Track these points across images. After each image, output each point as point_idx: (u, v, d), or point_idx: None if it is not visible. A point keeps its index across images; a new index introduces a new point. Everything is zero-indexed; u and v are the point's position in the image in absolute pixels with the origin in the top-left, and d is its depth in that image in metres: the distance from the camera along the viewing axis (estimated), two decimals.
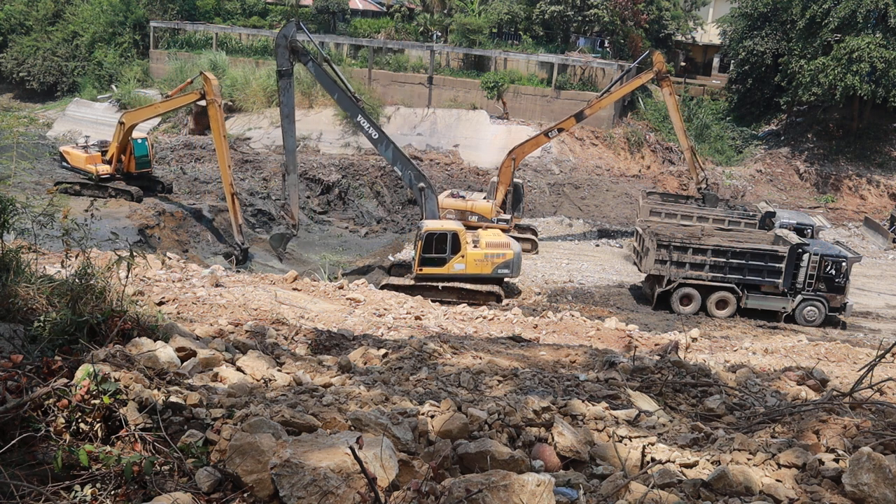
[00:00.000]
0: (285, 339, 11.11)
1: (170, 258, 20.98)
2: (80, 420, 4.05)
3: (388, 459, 3.75)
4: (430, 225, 25.34)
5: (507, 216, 32.60)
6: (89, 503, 3.60)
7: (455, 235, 24.69)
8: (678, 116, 34.02)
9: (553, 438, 4.92)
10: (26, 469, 3.75)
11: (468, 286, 24.95)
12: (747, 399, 7.61)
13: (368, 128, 26.82)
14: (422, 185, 26.66)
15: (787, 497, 4.18)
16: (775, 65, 49.52)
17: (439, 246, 24.60)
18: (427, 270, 24.94)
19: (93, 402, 4.06)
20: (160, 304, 13.74)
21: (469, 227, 28.95)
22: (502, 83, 47.96)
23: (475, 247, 25.03)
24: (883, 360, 7.29)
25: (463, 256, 24.62)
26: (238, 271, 24.38)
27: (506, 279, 26.00)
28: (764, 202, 37.87)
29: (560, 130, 34.93)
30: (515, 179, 33.82)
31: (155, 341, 6.02)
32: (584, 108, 33.99)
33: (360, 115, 26.78)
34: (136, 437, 4.01)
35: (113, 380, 4.30)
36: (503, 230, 31.23)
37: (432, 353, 9.79)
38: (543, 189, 42.41)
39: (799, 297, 26.32)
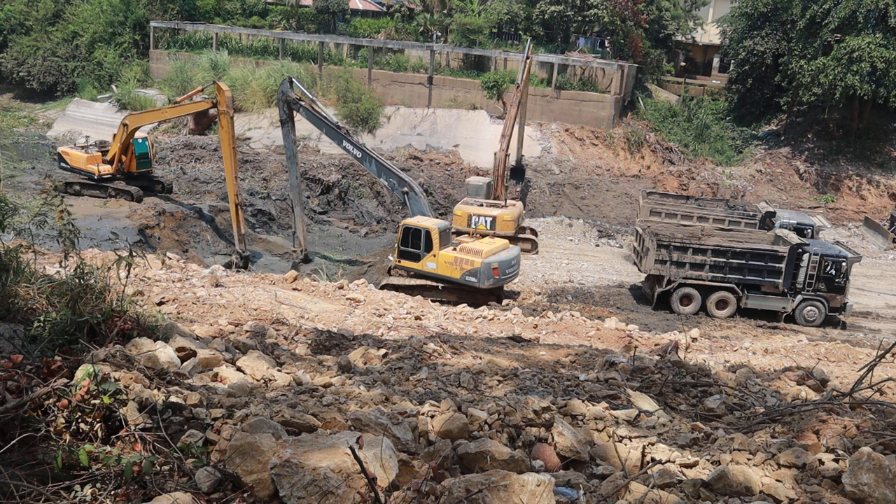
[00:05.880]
0: (285, 339, 11.11)
1: (170, 258, 20.98)
2: (80, 420, 4.04)
3: (388, 459, 3.75)
4: (408, 219, 26.02)
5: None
6: (89, 503, 3.60)
7: (428, 233, 24.86)
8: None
9: (553, 438, 4.92)
10: (26, 469, 3.75)
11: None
12: (747, 399, 7.60)
13: (352, 149, 28.45)
14: (405, 189, 27.42)
15: (787, 497, 4.18)
16: (775, 65, 49.53)
17: (414, 241, 25.06)
18: (404, 263, 25.42)
19: (93, 402, 4.06)
20: (160, 304, 13.73)
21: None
22: (502, 83, 47.94)
23: (453, 249, 25.04)
24: (883, 360, 7.29)
25: (435, 256, 24.72)
26: (238, 271, 24.44)
27: (475, 286, 24.74)
28: (764, 202, 37.87)
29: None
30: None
31: (155, 341, 6.01)
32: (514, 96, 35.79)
33: (343, 141, 28.38)
34: (136, 437, 4.00)
35: (113, 380, 4.30)
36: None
37: (432, 353, 9.79)
38: (543, 189, 42.42)
39: (799, 297, 26.32)
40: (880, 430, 5.20)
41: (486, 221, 30.54)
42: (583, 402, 5.90)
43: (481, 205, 31.86)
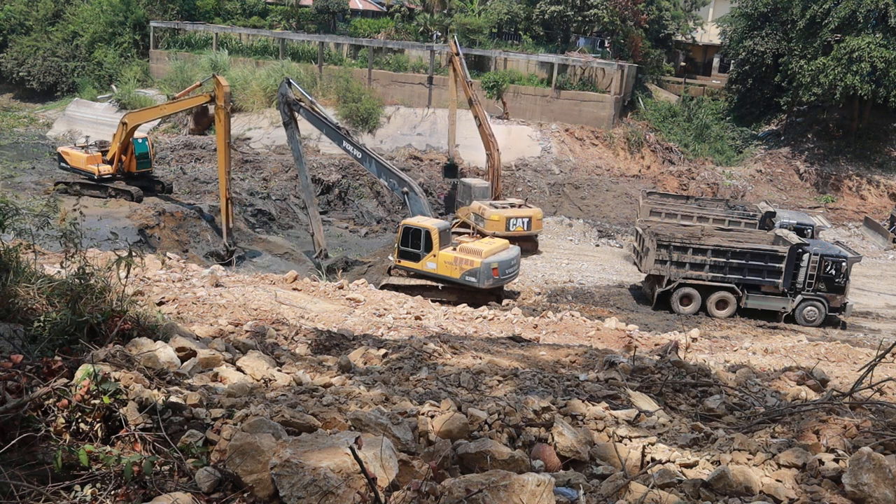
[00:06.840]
0: (285, 339, 11.11)
1: (170, 258, 20.96)
2: (80, 420, 4.04)
3: (388, 459, 3.75)
4: (408, 219, 26.09)
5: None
6: (89, 503, 3.60)
7: (428, 233, 24.93)
8: None
9: (553, 438, 4.92)
10: (26, 469, 3.74)
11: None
12: (747, 399, 7.61)
13: (352, 150, 28.48)
14: (405, 189, 27.55)
15: (787, 497, 4.18)
16: (775, 65, 49.52)
17: (414, 241, 25.16)
18: (404, 263, 25.50)
19: (93, 402, 4.06)
20: (160, 304, 13.72)
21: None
22: (502, 83, 47.92)
23: (453, 249, 25.09)
24: (883, 360, 7.29)
25: (434, 256, 24.76)
26: (237, 271, 24.46)
27: (475, 286, 24.70)
28: (764, 202, 37.86)
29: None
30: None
31: (155, 341, 6.01)
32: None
33: (343, 142, 28.43)
34: (136, 437, 4.00)
35: (113, 380, 4.30)
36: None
37: (432, 353, 9.78)
38: (543, 189, 42.41)
39: (799, 297, 26.32)
40: (880, 430, 5.20)
41: (523, 223, 30.60)
42: (583, 402, 5.90)
43: (502, 207, 31.98)
